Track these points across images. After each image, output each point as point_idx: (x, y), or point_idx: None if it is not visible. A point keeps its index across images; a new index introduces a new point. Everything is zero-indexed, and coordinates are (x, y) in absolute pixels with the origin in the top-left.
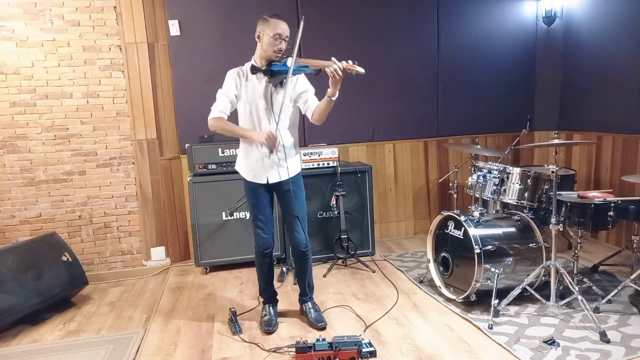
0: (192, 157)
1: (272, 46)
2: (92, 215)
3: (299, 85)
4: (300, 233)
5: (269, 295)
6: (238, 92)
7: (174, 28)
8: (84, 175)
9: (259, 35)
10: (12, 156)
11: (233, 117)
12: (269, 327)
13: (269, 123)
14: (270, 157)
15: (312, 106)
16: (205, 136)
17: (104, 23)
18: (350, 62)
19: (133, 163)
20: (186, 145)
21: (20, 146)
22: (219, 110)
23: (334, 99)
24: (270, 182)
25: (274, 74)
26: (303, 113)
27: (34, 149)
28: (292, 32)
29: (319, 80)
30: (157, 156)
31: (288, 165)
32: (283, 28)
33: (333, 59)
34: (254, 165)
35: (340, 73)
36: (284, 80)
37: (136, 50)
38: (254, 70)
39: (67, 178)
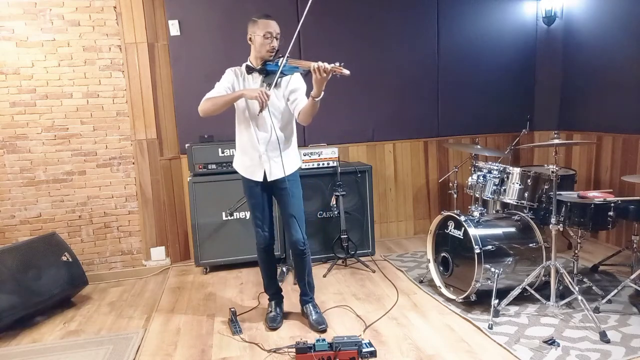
0: (192, 157)
1: (264, 45)
2: (92, 215)
3: (291, 84)
4: (297, 231)
5: (273, 290)
6: (235, 87)
7: (174, 28)
8: (84, 175)
9: (250, 38)
10: (12, 156)
11: (230, 117)
12: (273, 324)
13: (265, 122)
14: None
15: (300, 106)
16: (205, 136)
17: (104, 23)
18: (337, 63)
19: (133, 163)
20: (186, 145)
21: (20, 146)
22: (211, 94)
23: (317, 99)
24: (269, 179)
25: (269, 73)
26: (292, 112)
27: (34, 149)
28: (285, 31)
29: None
30: (157, 156)
31: (284, 162)
32: (272, 26)
33: (320, 62)
34: (250, 163)
35: (323, 72)
36: (278, 79)
37: (136, 50)
38: (249, 70)
39: (67, 178)
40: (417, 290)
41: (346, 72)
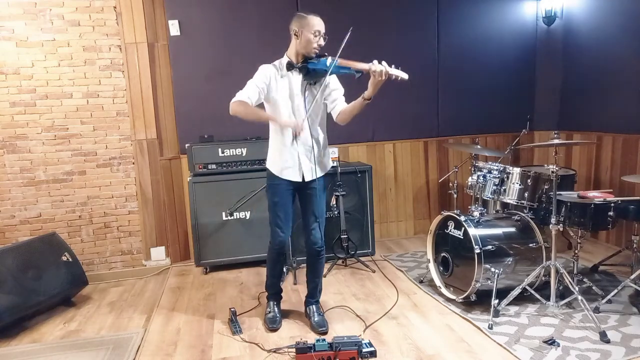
0: (192, 157)
1: (313, 43)
2: (92, 215)
3: (331, 84)
4: (317, 232)
5: (275, 291)
6: (269, 87)
7: (174, 28)
8: (84, 175)
9: (296, 33)
10: (12, 156)
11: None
12: (273, 325)
13: (302, 120)
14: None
15: (340, 106)
16: (205, 136)
17: (104, 23)
18: (393, 66)
19: (133, 163)
20: (186, 145)
21: (20, 146)
22: (246, 95)
23: (368, 101)
24: (306, 179)
25: (310, 71)
26: (328, 111)
27: (34, 149)
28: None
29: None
30: (157, 156)
31: (318, 163)
32: (322, 25)
33: (375, 61)
34: (287, 163)
35: (383, 76)
36: (321, 78)
37: (136, 50)
38: (290, 67)
39: (67, 178)
40: (417, 290)
41: (405, 76)
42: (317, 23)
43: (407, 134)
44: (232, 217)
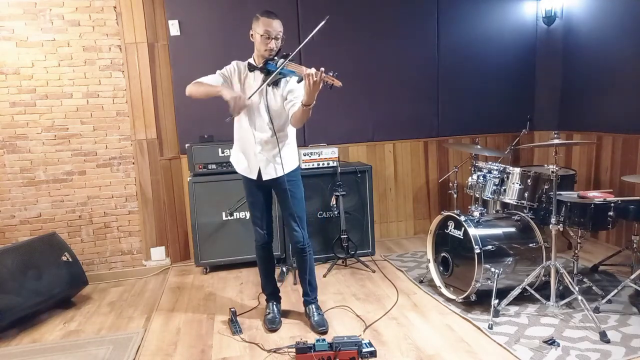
0: (192, 157)
1: (263, 45)
2: (92, 215)
3: (290, 84)
4: (297, 231)
5: (270, 290)
6: (233, 80)
7: (174, 28)
8: (84, 175)
9: (252, 35)
10: (12, 156)
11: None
12: (272, 325)
13: (262, 121)
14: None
15: (294, 108)
16: (205, 136)
17: (104, 23)
18: (330, 73)
19: (133, 163)
20: (186, 145)
21: (20, 146)
22: (204, 78)
23: (307, 107)
24: (264, 179)
25: (269, 72)
26: (287, 111)
27: (34, 149)
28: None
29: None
30: (157, 156)
31: (283, 162)
32: (273, 26)
33: (313, 68)
34: (245, 161)
35: (314, 80)
36: (278, 80)
37: (136, 50)
38: (251, 67)
39: (67, 178)
40: (417, 290)
41: (338, 83)
42: (266, 24)
43: (407, 134)
44: (232, 217)
